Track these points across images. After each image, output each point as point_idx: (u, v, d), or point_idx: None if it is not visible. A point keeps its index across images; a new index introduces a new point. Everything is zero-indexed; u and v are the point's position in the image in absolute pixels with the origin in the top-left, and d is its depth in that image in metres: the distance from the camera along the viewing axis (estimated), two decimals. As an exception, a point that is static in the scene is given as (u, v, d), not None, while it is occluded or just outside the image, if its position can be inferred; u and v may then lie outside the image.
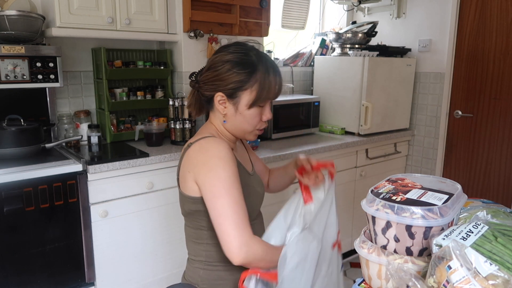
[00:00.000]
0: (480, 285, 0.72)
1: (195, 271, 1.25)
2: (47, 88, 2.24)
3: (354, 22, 3.32)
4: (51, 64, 2.07)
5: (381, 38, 3.32)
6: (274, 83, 1.17)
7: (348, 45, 3.08)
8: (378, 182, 1.08)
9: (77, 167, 1.90)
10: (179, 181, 1.22)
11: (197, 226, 1.21)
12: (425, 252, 0.92)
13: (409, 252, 0.92)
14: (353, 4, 3.48)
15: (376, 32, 3.11)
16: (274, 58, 3.21)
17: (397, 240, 0.92)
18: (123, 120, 2.56)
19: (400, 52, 3.17)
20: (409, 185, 1.05)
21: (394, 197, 0.96)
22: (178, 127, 2.37)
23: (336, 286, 1.26)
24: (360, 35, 3.04)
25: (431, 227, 0.89)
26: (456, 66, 3.02)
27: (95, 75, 2.45)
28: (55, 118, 2.32)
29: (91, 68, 2.47)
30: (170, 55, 2.55)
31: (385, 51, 3.08)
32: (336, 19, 3.65)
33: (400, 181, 1.09)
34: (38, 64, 2.03)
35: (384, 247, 0.95)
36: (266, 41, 3.04)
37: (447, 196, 0.97)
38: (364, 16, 3.53)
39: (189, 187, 1.16)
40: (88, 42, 2.43)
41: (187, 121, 2.38)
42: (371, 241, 0.99)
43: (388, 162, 3.15)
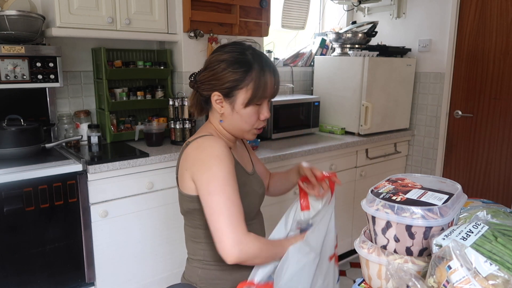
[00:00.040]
0: (480, 285, 0.72)
1: (194, 270, 1.25)
2: (47, 88, 2.24)
3: (354, 22, 3.32)
4: (51, 64, 2.07)
5: (381, 38, 3.32)
6: (271, 82, 1.16)
7: (348, 45, 3.08)
8: (378, 182, 1.08)
9: (77, 167, 1.90)
10: (178, 180, 1.22)
11: (195, 225, 1.21)
12: (425, 252, 0.92)
13: (409, 252, 0.92)
14: (353, 4, 3.48)
15: (376, 32, 3.11)
16: (274, 58, 3.21)
17: (397, 240, 0.92)
18: (123, 120, 2.56)
19: (400, 52, 3.17)
20: (409, 185, 1.06)
21: (394, 197, 0.96)
22: (178, 127, 2.37)
23: None
24: (360, 35, 3.04)
25: (431, 227, 0.89)
26: (456, 66, 3.02)
27: (95, 75, 2.45)
28: (55, 118, 2.32)
29: (91, 68, 2.47)
30: (170, 55, 2.55)
31: (385, 51, 3.08)
32: (336, 19, 3.65)
33: (400, 181, 1.09)
34: (38, 64, 2.03)
35: (384, 247, 0.95)
36: (266, 41, 3.04)
37: (447, 196, 0.97)
38: (364, 16, 3.53)
39: (187, 186, 1.16)
40: (88, 42, 2.43)
41: (187, 121, 2.38)
42: (371, 241, 0.99)
43: (388, 162, 3.15)
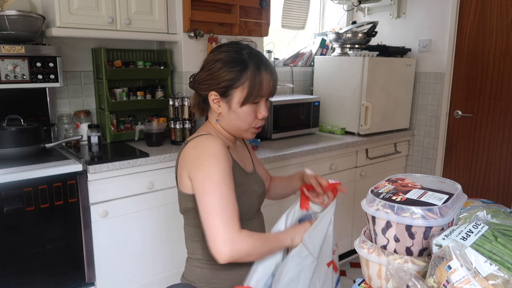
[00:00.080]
0: (480, 285, 0.72)
1: (193, 270, 1.25)
2: (47, 88, 2.24)
3: (354, 22, 3.32)
4: (51, 64, 2.07)
5: (381, 38, 3.32)
6: (267, 81, 1.16)
7: (348, 45, 3.08)
8: (378, 182, 1.08)
9: (77, 167, 1.90)
10: (177, 179, 1.22)
11: (194, 224, 1.21)
12: (425, 252, 0.92)
13: (409, 252, 0.92)
14: (353, 4, 3.48)
15: (376, 32, 3.11)
16: (274, 58, 3.21)
17: (397, 240, 0.92)
18: (123, 120, 2.56)
19: (400, 52, 3.17)
20: (409, 185, 1.05)
21: (394, 197, 0.96)
22: (178, 127, 2.37)
23: None
24: (360, 35, 3.04)
25: (431, 227, 0.89)
26: (456, 66, 3.02)
27: (95, 75, 2.45)
28: (55, 118, 2.32)
29: (91, 68, 2.47)
30: (170, 55, 2.55)
31: (385, 51, 3.08)
32: (336, 19, 3.65)
33: (400, 181, 1.09)
34: (38, 64, 2.03)
35: (384, 247, 0.95)
36: (266, 41, 3.04)
37: (447, 196, 0.97)
38: (364, 16, 3.53)
39: (185, 184, 1.17)
40: (88, 42, 2.43)
41: (187, 121, 2.38)
42: (371, 241, 0.99)
43: (388, 162, 3.15)
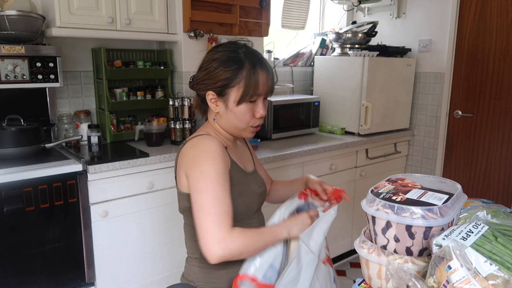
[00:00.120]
0: (480, 285, 0.72)
1: (191, 269, 1.26)
2: (47, 88, 2.24)
3: (354, 22, 3.32)
4: (51, 64, 2.06)
5: (381, 38, 3.32)
6: (263, 79, 1.16)
7: (348, 45, 3.08)
8: (378, 182, 1.08)
9: (77, 167, 1.90)
10: (176, 179, 1.23)
11: (192, 224, 1.21)
12: (425, 252, 0.92)
13: (409, 252, 0.92)
14: (353, 4, 3.48)
15: (376, 32, 3.11)
16: (274, 58, 3.21)
17: (397, 240, 0.92)
18: (123, 120, 2.56)
19: (400, 52, 3.17)
20: (409, 185, 1.06)
21: (394, 197, 0.96)
22: (178, 127, 2.37)
23: None
24: (360, 35, 3.04)
25: (431, 227, 0.89)
26: (456, 66, 3.02)
27: (95, 75, 2.45)
28: (55, 118, 2.32)
29: (91, 68, 2.46)
30: (170, 55, 2.55)
31: (385, 51, 3.08)
32: (336, 19, 3.65)
33: (400, 181, 1.09)
34: (38, 64, 2.03)
35: (384, 247, 0.95)
36: (266, 41, 3.04)
37: (447, 196, 0.97)
38: (364, 16, 3.53)
39: (183, 184, 1.17)
40: (88, 42, 2.42)
41: (187, 121, 2.38)
42: (371, 241, 0.99)
43: (388, 162, 3.15)
